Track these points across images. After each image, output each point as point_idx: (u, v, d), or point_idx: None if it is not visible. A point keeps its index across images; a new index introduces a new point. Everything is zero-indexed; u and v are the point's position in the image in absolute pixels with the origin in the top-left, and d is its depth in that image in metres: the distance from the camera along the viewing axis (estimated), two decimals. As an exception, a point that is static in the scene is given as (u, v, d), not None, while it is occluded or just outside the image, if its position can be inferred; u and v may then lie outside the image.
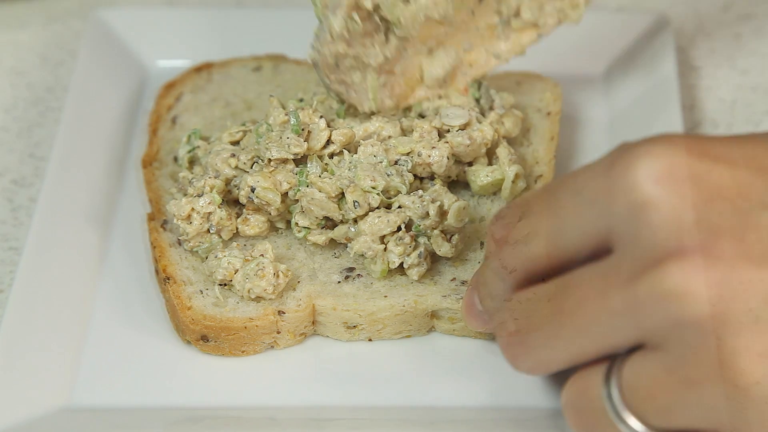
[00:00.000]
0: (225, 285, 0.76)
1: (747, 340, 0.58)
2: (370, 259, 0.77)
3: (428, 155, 0.79)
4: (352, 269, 0.78)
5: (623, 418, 0.62)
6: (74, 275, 0.79)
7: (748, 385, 0.59)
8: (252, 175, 0.78)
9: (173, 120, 0.88)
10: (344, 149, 0.79)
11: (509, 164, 0.80)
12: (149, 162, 0.85)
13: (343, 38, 0.77)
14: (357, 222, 0.77)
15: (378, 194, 0.77)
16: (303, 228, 0.78)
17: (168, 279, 0.77)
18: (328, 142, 0.79)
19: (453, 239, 0.77)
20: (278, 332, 0.76)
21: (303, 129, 0.78)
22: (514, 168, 0.80)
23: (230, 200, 0.80)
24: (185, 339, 0.76)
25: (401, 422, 0.72)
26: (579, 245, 0.62)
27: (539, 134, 0.85)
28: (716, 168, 0.60)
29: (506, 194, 0.81)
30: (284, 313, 0.75)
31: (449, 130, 0.80)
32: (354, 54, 0.78)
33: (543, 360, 0.65)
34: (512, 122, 0.83)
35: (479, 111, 0.82)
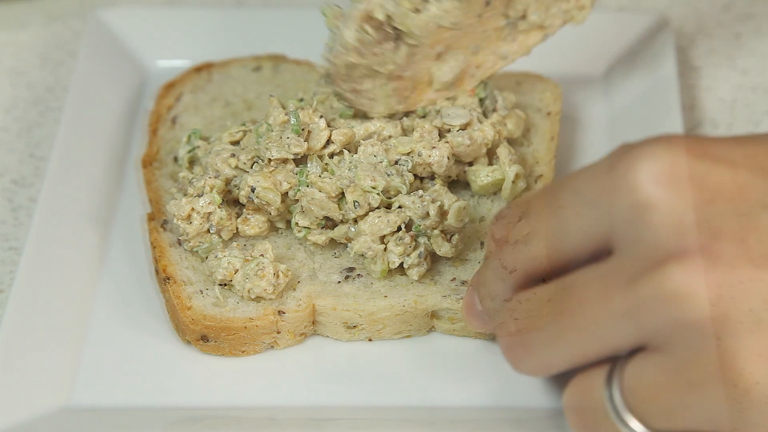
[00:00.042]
0: (225, 285, 0.76)
1: (747, 341, 0.58)
2: (370, 259, 0.77)
3: (428, 155, 0.79)
4: (352, 269, 0.78)
5: (625, 420, 0.62)
6: (74, 275, 0.79)
7: (749, 386, 0.59)
8: (252, 175, 0.78)
9: (173, 120, 0.88)
10: (344, 149, 0.79)
11: (509, 164, 0.80)
12: (149, 162, 0.85)
13: (356, 49, 0.77)
14: (357, 222, 0.77)
15: (378, 194, 0.77)
16: (303, 228, 0.78)
17: (168, 279, 0.77)
18: (328, 142, 0.79)
19: (453, 239, 0.77)
20: (278, 332, 0.76)
21: (303, 129, 0.78)
22: (515, 168, 0.80)
23: (230, 200, 0.80)
24: (185, 339, 0.76)
25: (401, 422, 0.72)
26: (579, 246, 0.62)
27: (539, 134, 0.85)
28: (717, 169, 0.60)
29: (506, 194, 0.80)
30: (284, 313, 0.75)
31: (450, 130, 0.80)
32: (366, 63, 0.78)
33: (544, 361, 0.64)
34: (515, 123, 0.83)
35: (482, 111, 0.82)
